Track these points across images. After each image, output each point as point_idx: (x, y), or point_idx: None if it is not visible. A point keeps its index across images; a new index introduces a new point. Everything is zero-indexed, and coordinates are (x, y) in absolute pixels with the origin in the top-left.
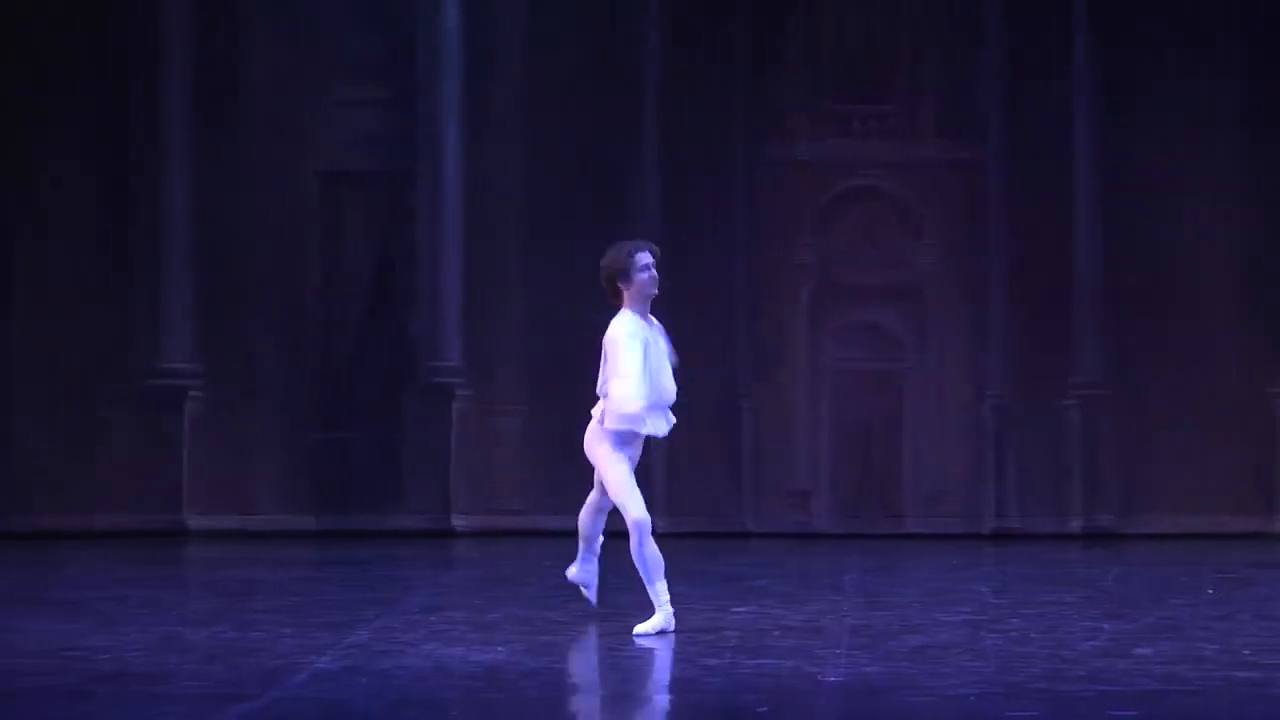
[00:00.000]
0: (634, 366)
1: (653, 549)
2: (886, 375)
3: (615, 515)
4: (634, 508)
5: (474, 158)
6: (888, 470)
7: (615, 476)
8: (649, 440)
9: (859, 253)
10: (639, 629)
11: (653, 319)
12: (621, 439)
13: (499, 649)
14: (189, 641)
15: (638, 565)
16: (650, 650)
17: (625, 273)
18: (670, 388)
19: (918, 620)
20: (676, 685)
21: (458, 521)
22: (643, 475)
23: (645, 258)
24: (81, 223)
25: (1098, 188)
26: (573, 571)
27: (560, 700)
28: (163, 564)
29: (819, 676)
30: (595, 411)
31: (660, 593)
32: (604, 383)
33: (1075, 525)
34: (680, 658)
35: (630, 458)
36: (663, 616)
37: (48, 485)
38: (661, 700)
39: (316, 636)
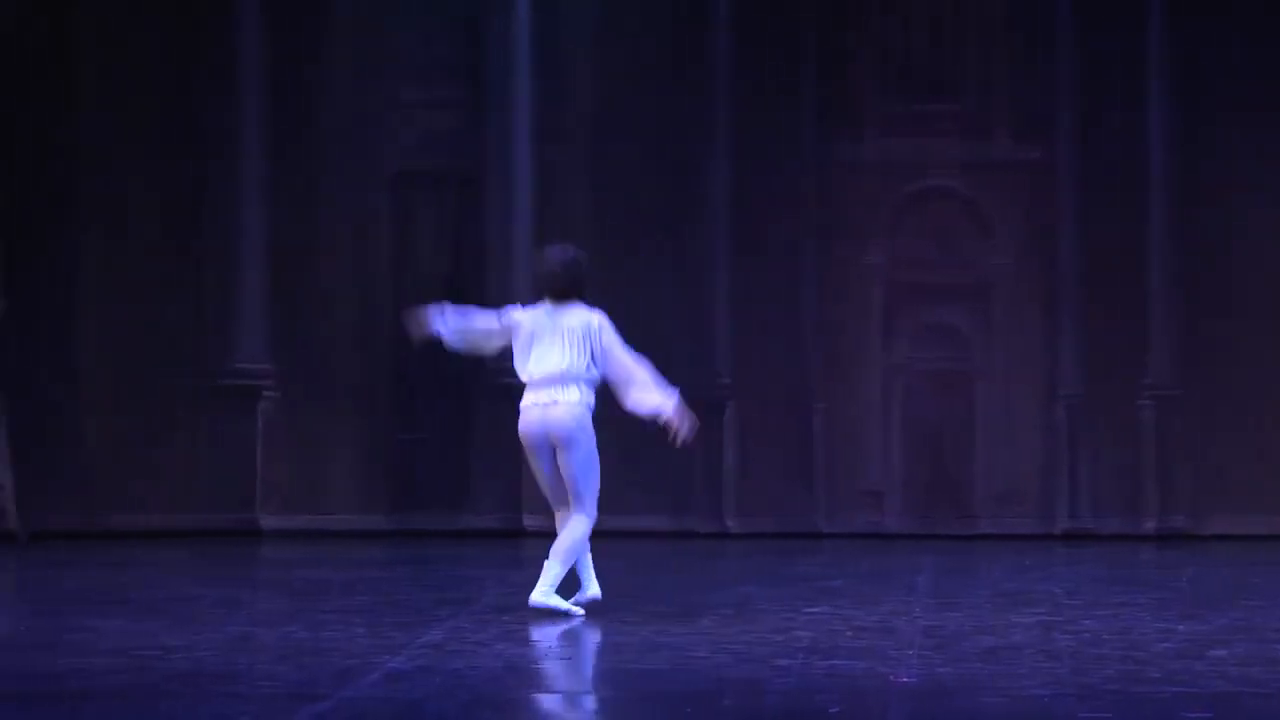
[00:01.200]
0: None
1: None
2: (958, 375)
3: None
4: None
5: (544, 157)
6: (960, 470)
7: (596, 466)
8: (721, 440)
9: (930, 253)
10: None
11: None
12: None
13: (570, 651)
14: (262, 641)
15: (570, 554)
16: (721, 651)
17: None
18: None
19: (990, 621)
20: (747, 686)
21: (529, 521)
22: (713, 476)
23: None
24: (156, 222)
25: (1170, 186)
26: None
27: (629, 701)
28: (235, 563)
29: (891, 677)
30: (568, 395)
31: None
32: (591, 366)
33: (1149, 526)
34: (752, 658)
35: None
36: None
37: (122, 485)
38: (732, 701)
39: (389, 636)
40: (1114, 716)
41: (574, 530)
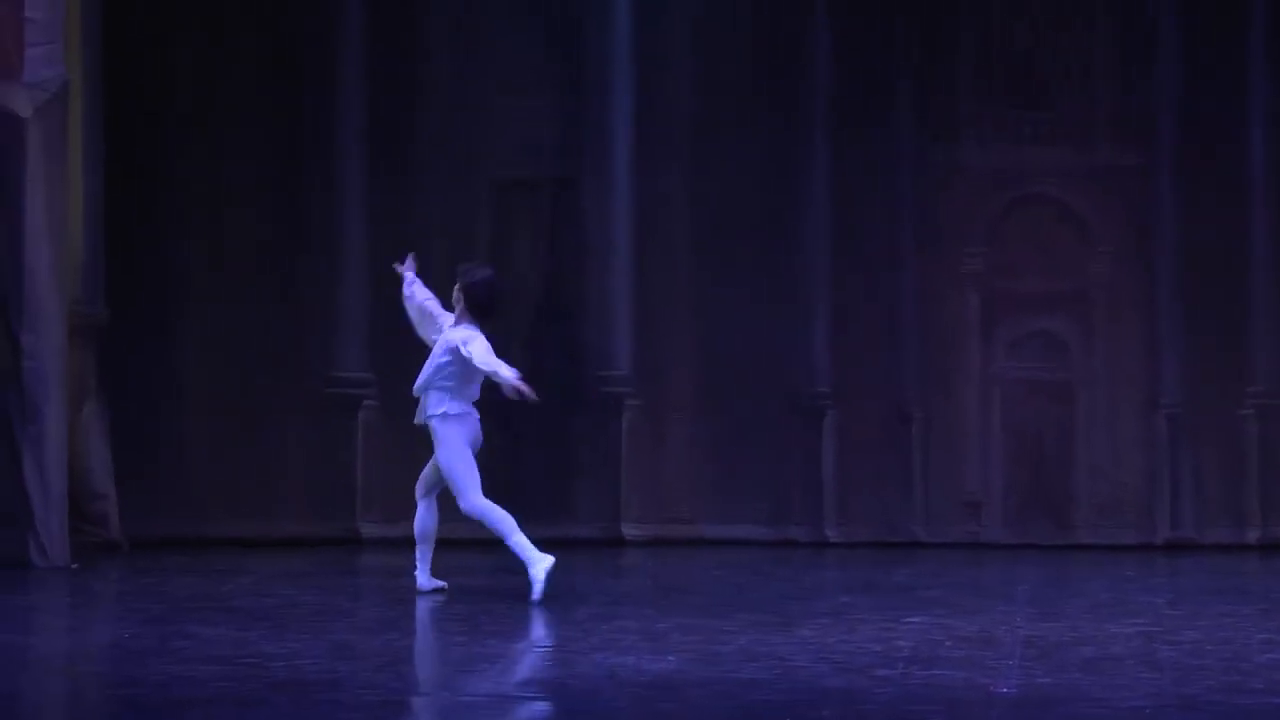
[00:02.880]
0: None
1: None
2: (1058, 384)
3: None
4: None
5: (643, 164)
6: (1060, 480)
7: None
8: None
9: (1029, 260)
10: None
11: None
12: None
13: (669, 658)
14: (362, 649)
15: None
16: (821, 661)
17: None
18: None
19: (1090, 631)
20: (846, 696)
21: (628, 530)
22: (813, 485)
23: None
24: (256, 230)
25: (1273, 192)
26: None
27: (728, 711)
28: (337, 572)
29: (992, 688)
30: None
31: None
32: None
33: (1252, 536)
34: (851, 668)
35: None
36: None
37: (223, 493)
38: (832, 711)
39: (488, 645)
40: None
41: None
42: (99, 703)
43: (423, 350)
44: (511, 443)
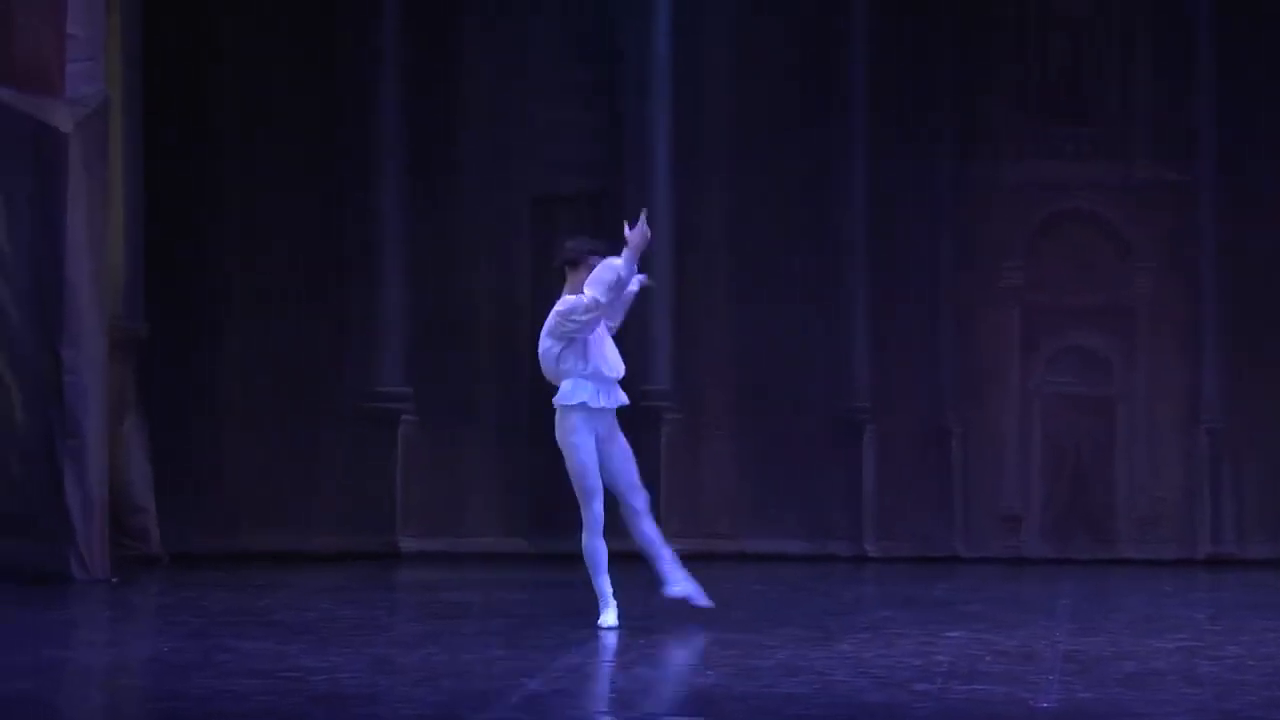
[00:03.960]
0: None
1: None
2: (1098, 399)
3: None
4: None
5: (681, 180)
6: (1100, 495)
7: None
8: (860, 463)
9: (1069, 275)
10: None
11: None
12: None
13: (709, 673)
14: (401, 663)
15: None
16: (861, 675)
17: (575, 263)
18: (616, 362)
19: (1131, 647)
20: (887, 711)
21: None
22: (852, 500)
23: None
24: (296, 246)
25: None
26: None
27: None
28: (375, 586)
29: (1032, 703)
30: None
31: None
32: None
33: None
34: (891, 683)
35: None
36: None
37: (262, 507)
38: None
39: (528, 659)
40: None
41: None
42: (140, 716)
43: (459, 364)
44: (552, 457)
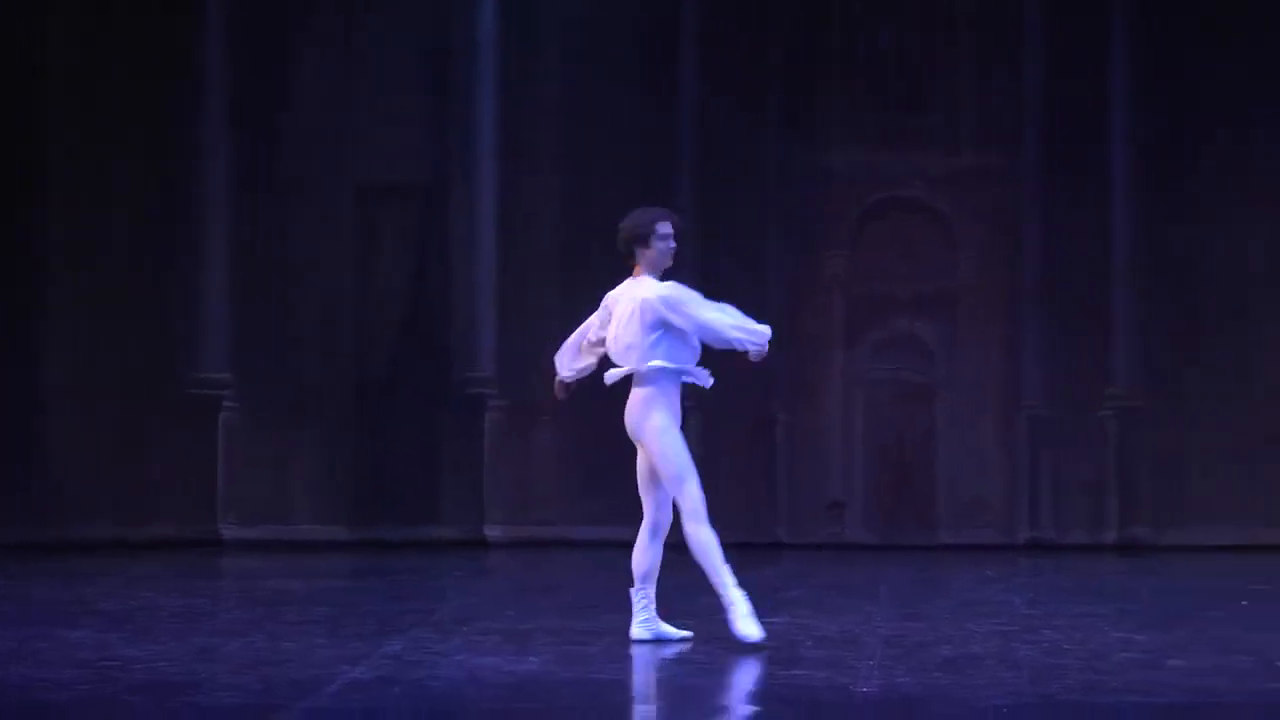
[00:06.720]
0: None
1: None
2: (921, 387)
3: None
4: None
5: (508, 169)
6: (922, 481)
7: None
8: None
9: (893, 264)
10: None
11: None
12: (673, 405)
13: (531, 659)
14: (223, 651)
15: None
16: (682, 662)
17: (645, 238)
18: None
19: (950, 631)
20: (704, 695)
21: (490, 532)
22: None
23: (666, 227)
24: (119, 236)
25: (1135, 197)
26: (637, 631)
27: (589, 711)
28: (198, 574)
29: (852, 687)
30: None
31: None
32: (629, 348)
33: (1110, 537)
34: (712, 669)
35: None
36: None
37: (84, 497)
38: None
39: (350, 647)
40: None
41: (687, 530)
42: None
43: (282, 352)
44: (375, 445)
